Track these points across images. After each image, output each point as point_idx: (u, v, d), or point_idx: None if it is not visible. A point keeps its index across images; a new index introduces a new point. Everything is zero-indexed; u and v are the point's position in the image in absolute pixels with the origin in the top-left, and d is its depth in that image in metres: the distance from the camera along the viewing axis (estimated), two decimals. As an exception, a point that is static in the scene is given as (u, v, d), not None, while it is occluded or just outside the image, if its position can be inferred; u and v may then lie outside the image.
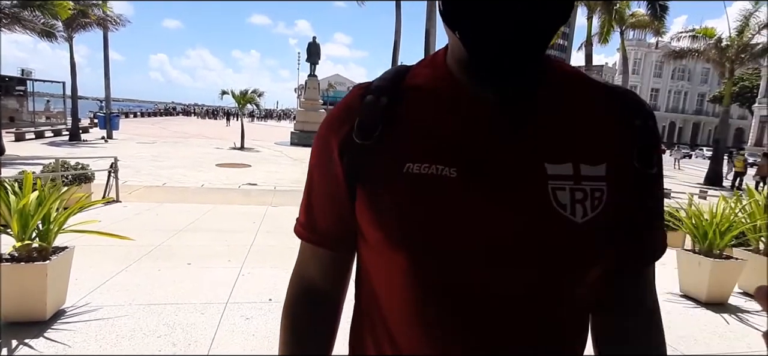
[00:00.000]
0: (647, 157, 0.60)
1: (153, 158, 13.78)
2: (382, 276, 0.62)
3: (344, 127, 0.62)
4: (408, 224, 0.56)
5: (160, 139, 21.12)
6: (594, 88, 0.63)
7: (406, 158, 0.58)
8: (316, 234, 0.68)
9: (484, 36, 0.53)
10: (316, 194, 0.67)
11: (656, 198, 0.63)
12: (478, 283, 0.55)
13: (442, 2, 0.55)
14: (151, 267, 4.17)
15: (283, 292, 2.98)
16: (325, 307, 0.71)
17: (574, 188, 0.56)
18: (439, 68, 0.63)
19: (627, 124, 0.60)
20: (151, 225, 5.73)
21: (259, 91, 22.32)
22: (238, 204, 7.59)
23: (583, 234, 0.55)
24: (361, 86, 0.65)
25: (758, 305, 0.46)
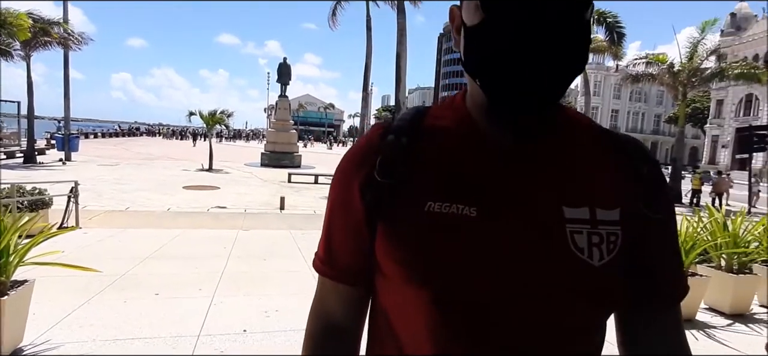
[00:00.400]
0: (654, 203, 0.61)
1: (115, 181, 13.23)
2: (400, 311, 0.63)
3: (365, 165, 0.63)
4: (428, 261, 0.58)
5: (122, 161, 20.36)
6: (602, 135, 0.65)
7: (427, 197, 0.59)
8: (335, 270, 0.68)
9: (503, 86, 0.54)
10: (336, 230, 0.68)
11: (671, 242, 0.65)
12: (496, 322, 0.56)
13: (464, 53, 0.58)
14: (116, 298, 3.95)
15: (258, 323, 2.90)
16: (344, 343, 0.71)
17: (591, 232, 0.57)
18: (459, 111, 0.65)
19: (635, 172, 0.62)
20: (115, 253, 5.45)
21: (228, 112, 21.94)
22: (207, 228, 7.36)
23: (601, 277, 0.56)
24: (380, 126, 0.66)
25: (724, 321, 0.49)
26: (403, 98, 17.42)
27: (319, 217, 9.11)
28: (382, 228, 0.61)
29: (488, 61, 0.55)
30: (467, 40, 0.58)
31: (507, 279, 0.55)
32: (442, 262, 0.57)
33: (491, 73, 0.55)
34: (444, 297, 0.57)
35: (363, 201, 0.62)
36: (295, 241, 6.65)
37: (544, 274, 0.55)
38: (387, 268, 0.62)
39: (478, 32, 0.55)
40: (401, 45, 16.59)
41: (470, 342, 0.57)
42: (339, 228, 0.67)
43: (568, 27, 0.52)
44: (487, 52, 0.55)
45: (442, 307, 0.57)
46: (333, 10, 19.50)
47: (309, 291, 3.35)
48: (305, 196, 12.58)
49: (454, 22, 0.62)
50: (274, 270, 5.16)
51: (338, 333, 0.71)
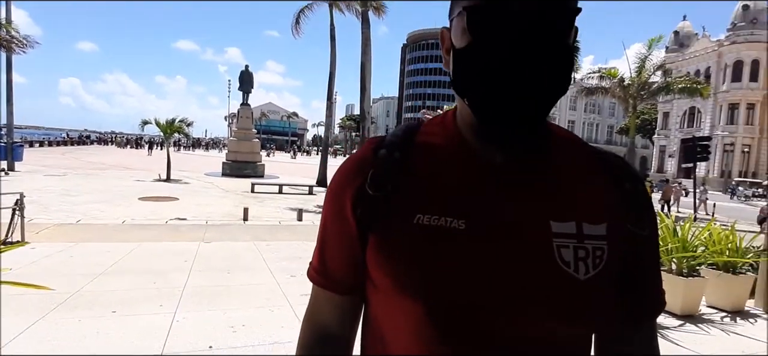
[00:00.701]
0: (639, 220, 0.64)
1: (64, 192, 12.50)
2: (390, 320, 0.64)
3: (358, 178, 0.65)
4: (418, 271, 0.59)
5: (72, 171, 19.27)
6: (588, 152, 0.68)
7: (417, 209, 0.61)
8: (328, 280, 0.70)
9: (490, 105, 0.57)
10: (329, 241, 0.69)
11: (652, 257, 0.68)
12: (483, 332, 0.58)
13: (453, 73, 0.60)
14: (70, 317, 3.72)
15: (224, 338, 2.82)
16: (336, 350, 0.73)
17: (577, 246, 0.59)
18: (449, 128, 0.67)
19: (620, 188, 0.64)
20: (66, 269, 5.13)
21: (187, 120, 21.26)
22: (166, 241, 7.06)
23: (586, 290, 0.58)
24: (373, 140, 0.68)
25: (676, 321, 0.52)
26: (368, 107, 17.46)
27: (284, 228, 8.99)
28: (374, 239, 0.62)
29: (475, 82, 0.57)
30: (456, 61, 0.60)
31: (494, 291, 0.57)
32: (430, 273, 0.58)
33: (478, 93, 0.57)
34: (432, 307, 0.58)
35: (355, 213, 0.64)
36: (260, 253, 6.50)
37: (531, 286, 0.57)
38: (378, 279, 0.63)
39: (466, 54, 0.58)
40: (366, 55, 16.66)
41: (456, 347, 0.58)
42: (332, 239, 0.69)
43: (551, 51, 0.55)
44: (474, 74, 0.57)
45: (430, 317, 0.58)
46: (296, 18, 19.32)
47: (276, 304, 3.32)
48: (269, 207, 12.34)
49: (444, 45, 0.64)
50: (239, 283, 5.02)
51: (331, 341, 0.72)
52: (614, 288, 0.62)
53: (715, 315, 4.81)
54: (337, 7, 18.50)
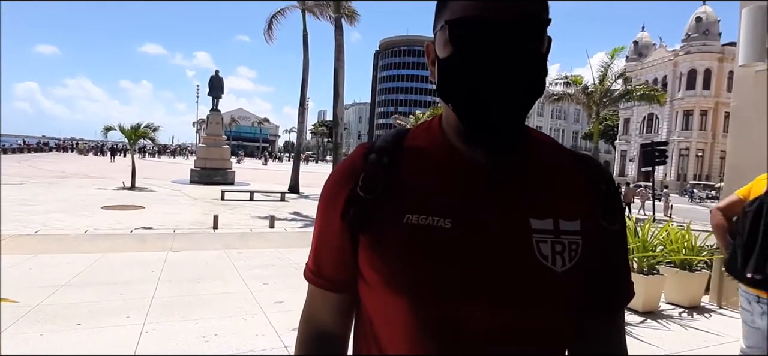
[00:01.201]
0: (610, 216, 0.70)
1: (21, 202, 11.90)
2: (380, 314, 0.68)
3: (350, 182, 0.69)
4: (406, 268, 0.63)
5: (29, 179, 18.38)
6: (565, 155, 0.73)
7: (405, 210, 0.64)
8: (323, 279, 0.74)
9: (473, 110, 0.62)
10: (322, 243, 0.74)
11: (622, 251, 0.74)
12: (469, 323, 0.62)
13: (438, 82, 0.64)
14: (30, 332, 3.55)
15: (195, 348, 2.81)
16: (332, 346, 0.77)
17: (554, 241, 0.64)
18: (435, 132, 0.71)
19: (594, 187, 0.70)
20: (26, 282, 4.90)
21: (153, 126, 20.65)
22: (132, 251, 6.83)
23: (562, 282, 0.64)
24: (364, 146, 0.72)
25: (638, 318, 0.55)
26: (341, 113, 17.47)
27: (255, 235, 8.87)
28: (365, 239, 0.66)
29: (458, 89, 0.62)
30: (440, 71, 0.65)
31: (478, 284, 0.62)
32: (418, 270, 0.62)
33: (461, 100, 0.63)
34: (420, 301, 0.62)
35: (347, 215, 0.68)
36: (231, 261, 6.38)
37: (512, 279, 0.62)
38: (368, 276, 0.67)
39: (449, 64, 0.63)
40: (339, 61, 16.69)
41: (444, 342, 0.62)
42: (325, 240, 0.73)
43: (526, 59, 0.60)
44: (457, 82, 0.62)
45: (417, 311, 0.63)
46: (269, 23, 19.19)
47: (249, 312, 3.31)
48: (240, 214, 12.13)
49: (429, 57, 0.69)
50: (210, 292, 4.92)
51: (327, 339, 0.76)
52: (588, 279, 0.68)
53: (674, 311, 5.06)
54: (310, 13, 18.48)
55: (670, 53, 50.10)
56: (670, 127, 48.86)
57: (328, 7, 17.70)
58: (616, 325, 0.75)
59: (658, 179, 34.57)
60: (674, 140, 46.70)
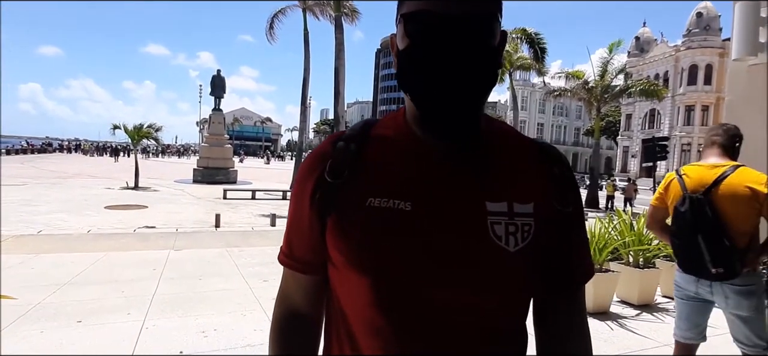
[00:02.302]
0: (564, 199, 0.74)
1: (24, 202, 12.01)
2: (346, 294, 0.72)
3: (318, 169, 0.73)
4: (367, 248, 0.67)
5: (32, 180, 18.50)
6: (522, 142, 0.77)
7: (368, 194, 0.69)
8: (294, 261, 0.79)
9: (428, 97, 0.66)
10: (294, 227, 0.78)
11: (578, 232, 0.77)
12: (427, 299, 0.66)
13: (397, 71, 0.69)
14: (32, 329, 3.62)
15: (196, 344, 2.89)
16: (304, 324, 0.81)
17: (508, 222, 0.68)
18: (399, 122, 0.76)
19: (548, 172, 0.74)
20: (28, 281, 4.97)
21: (156, 126, 20.76)
22: (134, 250, 6.90)
23: (515, 260, 0.68)
24: (333, 135, 0.77)
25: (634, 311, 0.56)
26: (342, 112, 17.50)
27: (257, 234, 8.92)
28: (331, 222, 0.71)
29: (415, 79, 0.67)
30: (399, 61, 0.69)
31: (435, 262, 0.66)
32: (379, 249, 0.67)
33: (418, 89, 0.67)
34: (380, 279, 0.67)
35: (314, 199, 0.72)
36: (232, 259, 6.45)
37: (468, 258, 0.66)
38: (334, 257, 0.71)
39: (405, 55, 0.67)
40: (339, 59, 16.71)
41: (405, 318, 0.67)
42: (296, 224, 0.77)
43: (477, 50, 0.64)
44: (413, 72, 0.66)
45: (378, 288, 0.67)
46: (270, 23, 19.22)
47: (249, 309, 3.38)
48: (242, 213, 12.20)
49: (393, 49, 0.73)
50: (210, 289, 4.98)
51: (299, 318, 0.81)
52: (541, 259, 0.72)
53: (669, 304, 5.08)
54: (311, 12, 18.50)
55: (672, 48, 49.91)
56: (672, 123, 48.70)
57: (329, 6, 17.72)
58: (575, 304, 0.78)
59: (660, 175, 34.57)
60: (676, 135, 46.56)
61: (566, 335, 0.77)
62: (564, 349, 0.77)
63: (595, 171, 22.19)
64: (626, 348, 3.86)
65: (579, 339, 0.77)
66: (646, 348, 3.88)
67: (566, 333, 0.77)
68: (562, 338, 0.77)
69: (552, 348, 0.77)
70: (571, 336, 0.77)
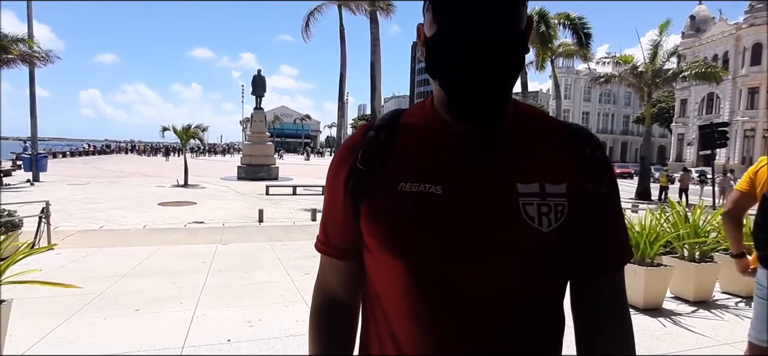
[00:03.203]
0: (597, 179, 0.72)
1: (87, 200, 12.90)
2: (382, 278, 0.74)
3: (351, 158, 0.75)
4: (400, 231, 0.68)
5: (94, 180, 19.82)
6: (552, 124, 0.77)
7: (400, 179, 0.70)
8: (330, 248, 0.81)
9: (456, 83, 0.66)
10: (329, 214, 0.81)
11: (613, 212, 0.75)
12: (460, 282, 0.67)
13: (426, 58, 0.69)
14: (96, 316, 3.90)
15: (242, 333, 3.00)
16: (342, 310, 0.83)
17: (540, 203, 0.68)
18: (427, 109, 0.76)
19: (579, 153, 0.73)
20: (91, 272, 5.35)
21: (202, 126, 21.69)
22: (185, 244, 7.27)
23: (549, 241, 0.67)
24: (363, 125, 0.79)
25: (689, 308, 0.51)
26: (379, 107, 17.55)
27: (298, 228, 9.13)
28: (364, 208, 0.73)
29: (443, 65, 0.67)
30: (427, 48, 0.69)
31: (468, 244, 0.66)
32: (411, 233, 0.68)
33: (447, 74, 0.67)
34: (413, 262, 0.68)
35: (347, 187, 0.74)
36: (275, 252, 6.65)
37: (501, 239, 0.66)
38: (369, 242, 0.73)
39: (434, 42, 0.68)
40: (375, 54, 16.76)
41: (439, 300, 0.67)
42: (331, 212, 0.80)
43: (504, 36, 0.64)
44: (442, 58, 0.67)
45: (411, 271, 0.68)
46: (306, 20, 19.52)
47: (291, 300, 3.48)
48: (283, 208, 12.54)
49: (420, 38, 0.73)
50: (255, 281, 5.17)
51: (337, 304, 0.83)
52: (577, 239, 0.70)
53: (730, 301, 4.78)
54: (346, 8, 18.63)
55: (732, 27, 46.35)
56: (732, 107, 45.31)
57: (364, 1, 17.77)
58: (613, 286, 0.76)
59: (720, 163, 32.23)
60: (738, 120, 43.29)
61: (604, 317, 0.75)
62: (602, 332, 0.75)
63: (647, 160, 21.04)
64: (682, 346, 3.66)
65: (618, 321, 0.75)
66: (703, 346, 3.67)
67: (604, 315, 0.75)
68: (600, 320, 0.75)
69: (590, 330, 0.76)
70: (609, 318, 0.75)
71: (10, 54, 16.37)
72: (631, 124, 68.84)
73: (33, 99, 19.48)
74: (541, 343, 0.72)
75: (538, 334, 0.72)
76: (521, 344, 0.69)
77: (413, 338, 0.69)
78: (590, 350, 0.76)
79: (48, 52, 17.92)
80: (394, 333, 0.72)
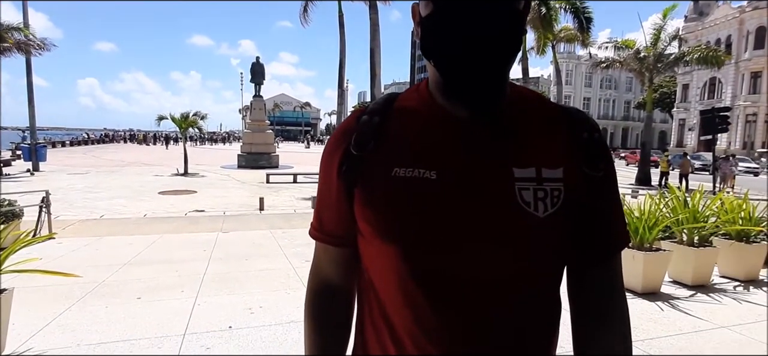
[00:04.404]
0: (593, 163, 0.71)
1: (87, 189, 12.92)
2: (376, 264, 0.73)
3: (344, 143, 0.74)
4: (394, 217, 0.68)
5: (93, 169, 19.83)
6: (549, 107, 0.75)
7: (394, 164, 0.69)
8: (324, 234, 0.80)
9: (452, 64, 0.65)
10: (323, 200, 0.80)
11: (610, 197, 0.74)
12: (457, 267, 0.66)
13: (420, 39, 0.68)
14: (98, 304, 3.93)
15: (243, 320, 3.02)
16: (337, 296, 0.83)
17: (536, 188, 0.67)
18: (422, 92, 0.75)
19: (576, 136, 0.72)
20: (93, 261, 5.38)
21: (201, 114, 21.61)
22: (186, 232, 7.30)
23: (545, 226, 0.66)
24: (357, 110, 0.78)
25: (687, 292, 0.51)
26: (379, 94, 17.45)
27: (299, 216, 9.15)
28: (358, 193, 0.72)
29: (439, 45, 0.66)
30: (422, 28, 0.68)
31: (463, 230, 0.65)
32: (405, 218, 0.67)
33: (442, 55, 0.66)
34: (408, 247, 0.67)
35: (341, 173, 0.73)
36: (276, 240, 6.68)
37: (496, 225, 0.65)
38: (363, 228, 0.72)
39: (429, 21, 0.66)
40: (374, 40, 16.64)
41: (434, 286, 0.67)
42: (325, 198, 0.79)
43: (502, 17, 0.63)
44: (438, 38, 0.65)
45: (406, 257, 0.67)
46: (304, 7, 19.35)
47: (292, 287, 3.49)
48: (284, 196, 12.55)
49: (415, 18, 0.72)
50: (256, 269, 5.19)
51: (331, 290, 0.83)
52: (574, 225, 0.70)
53: (728, 285, 4.80)
54: (345, -7, 18.45)
55: (736, 10, 45.84)
56: (735, 92, 45.03)
57: (363, -14, 17.59)
58: (610, 271, 0.75)
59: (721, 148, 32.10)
60: (740, 105, 43.05)
61: (601, 302, 0.74)
62: (598, 317, 0.74)
63: (647, 146, 20.99)
64: (679, 329, 3.69)
65: (614, 306, 0.75)
66: (701, 329, 3.69)
67: (600, 300, 0.74)
68: (596, 305, 0.75)
69: (586, 315, 0.75)
70: (605, 303, 0.74)
71: (5, 42, 16.26)
72: (632, 109, 68.49)
73: (30, 88, 19.38)
74: (538, 328, 0.72)
75: (535, 319, 0.71)
76: (517, 329, 0.69)
77: (409, 324, 0.69)
78: (585, 335, 0.75)
79: (44, 40, 17.79)
80: (389, 319, 0.71)
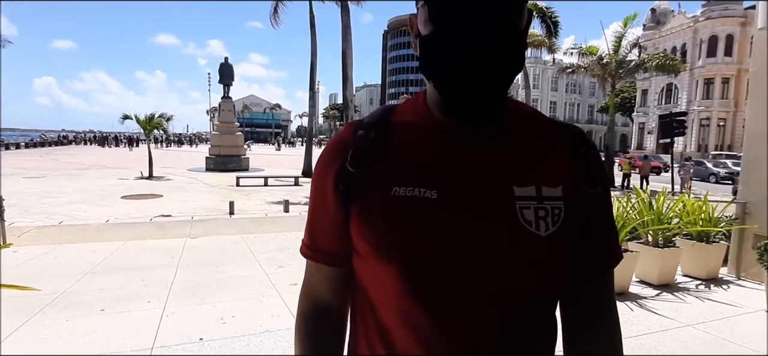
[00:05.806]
0: (591, 180, 0.71)
1: (44, 194, 12.27)
2: (374, 284, 0.70)
3: (339, 158, 0.71)
4: (395, 237, 0.65)
5: (51, 172, 18.87)
6: (546, 124, 0.74)
7: (393, 182, 0.66)
8: (318, 253, 0.77)
9: (453, 86, 0.63)
10: (316, 218, 0.76)
11: (606, 214, 0.75)
12: (458, 289, 0.64)
13: (420, 58, 0.65)
14: (57, 317, 3.71)
15: (216, 331, 2.90)
16: (330, 318, 0.80)
17: (537, 207, 0.66)
18: (420, 107, 0.73)
19: (574, 153, 0.71)
20: (51, 271, 5.09)
21: (166, 115, 21.00)
22: (151, 238, 7.01)
23: (547, 245, 0.65)
24: (352, 123, 0.74)
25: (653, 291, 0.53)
26: (351, 96, 17.41)
27: (270, 220, 8.99)
28: (355, 211, 0.68)
29: (439, 66, 0.64)
30: (421, 47, 0.66)
31: (464, 251, 0.63)
32: (406, 238, 0.64)
33: (442, 76, 0.64)
34: (408, 268, 0.65)
35: (337, 189, 0.70)
36: (247, 245, 6.51)
37: (497, 245, 0.64)
38: (360, 247, 0.69)
39: (429, 41, 0.64)
40: (346, 42, 16.58)
41: (434, 309, 0.65)
42: (319, 215, 0.75)
43: (503, 36, 0.61)
44: (438, 59, 0.63)
45: (408, 278, 0.65)
46: (274, 8, 19.07)
47: (266, 294, 3.39)
48: (255, 200, 12.30)
49: (412, 30, 0.70)
50: (227, 276, 5.04)
51: (325, 312, 0.79)
52: (573, 241, 0.69)
53: (691, 284, 5.01)
54: (315, -5, 18.31)
55: (690, 19, 48.35)
56: (690, 97, 47.45)
57: (334, -12, 17.50)
58: (605, 287, 0.76)
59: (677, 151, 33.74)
60: (694, 110, 45.38)
61: (595, 318, 0.75)
62: (593, 332, 0.75)
63: (611, 149, 21.80)
64: (647, 328, 3.81)
65: (608, 321, 0.76)
66: (669, 328, 3.83)
67: (595, 315, 0.75)
68: (591, 321, 0.75)
69: (580, 330, 0.76)
70: (600, 318, 0.75)
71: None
72: (595, 113, 71.08)
73: (-19, 87, 18.26)
74: (538, 347, 0.71)
75: (536, 338, 0.71)
76: (519, 348, 0.68)
77: (409, 345, 0.66)
78: (579, 351, 0.76)
79: (-4, 36, 16.80)
80: (387, 339, 0.69)
